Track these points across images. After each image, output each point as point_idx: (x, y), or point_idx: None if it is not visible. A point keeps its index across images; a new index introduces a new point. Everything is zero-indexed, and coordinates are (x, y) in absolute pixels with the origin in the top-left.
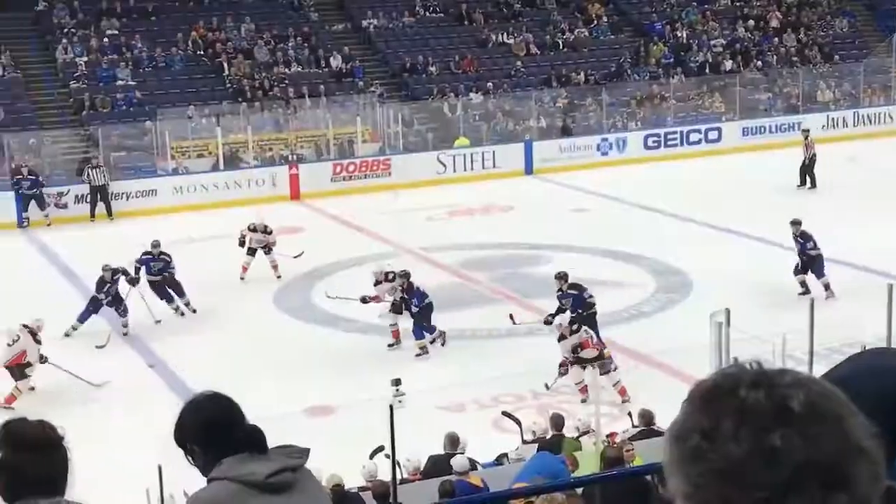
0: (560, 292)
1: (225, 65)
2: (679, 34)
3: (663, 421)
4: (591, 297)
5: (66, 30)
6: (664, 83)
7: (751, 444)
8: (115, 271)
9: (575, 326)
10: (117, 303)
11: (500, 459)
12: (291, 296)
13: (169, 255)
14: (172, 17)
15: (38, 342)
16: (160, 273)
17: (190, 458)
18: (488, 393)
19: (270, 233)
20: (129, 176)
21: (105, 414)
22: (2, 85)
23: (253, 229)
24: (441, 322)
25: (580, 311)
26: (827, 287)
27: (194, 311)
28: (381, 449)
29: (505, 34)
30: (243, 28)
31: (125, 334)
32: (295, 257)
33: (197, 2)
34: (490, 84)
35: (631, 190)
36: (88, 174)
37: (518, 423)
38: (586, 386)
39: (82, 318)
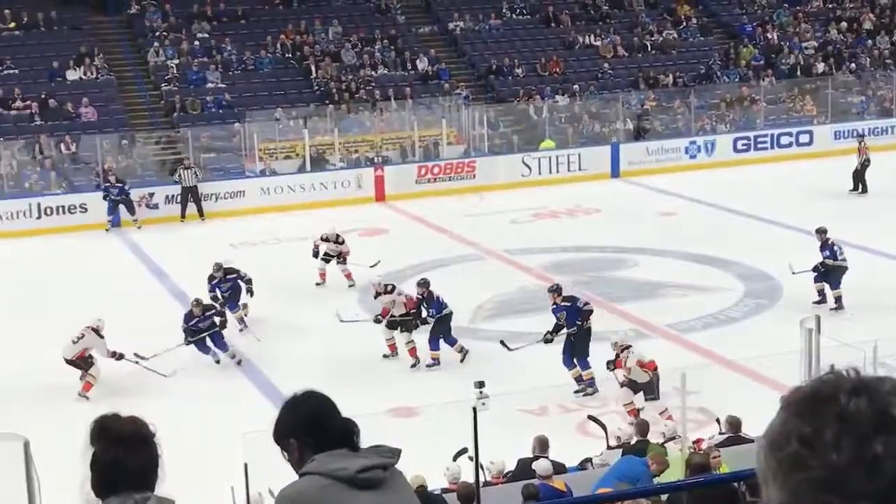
0: (554, 306)
1: (313, 67)
2: (770, 36)
3: (750, 428)
4: (586, 304)
5: (157, 33)
6: (754, 85)
7: (852, 452)
8: (205, 308)
9: (624, 348)
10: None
11: (583, 464)
12: None
13: (235, 272)
14: (262, 20)
15: (102, 337)
16: (230, 293)
17: (286, 455)
18: (572, 397)
19: (342, 242)
20: (217, 177)
21: (190, 411)
22: (95, 87)
23: (325, 239)
24: (524, 325)
25: (578, 321)
26: (838, 300)
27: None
28: (464, 451)
29: (592, 36)
30: (331, 31)
31: (238, 363)
32: (371, 266)
33: (286, 5)
34: (576, 86)
35: (719, 193)
36: (180, 175)
37: (603, 427)
38: (636, 409)
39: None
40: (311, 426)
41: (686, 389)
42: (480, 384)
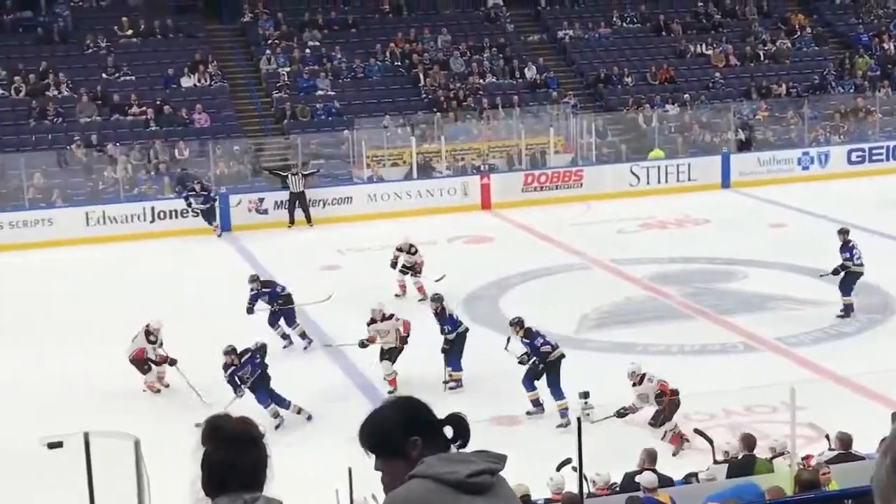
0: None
1: (421, 75)
2: (886, 46)
3: (861, 445)
4: (545, 344)
5: (270, 41)
6: (870, 96)
7: None
8: (241, 354)
9: (642, 375)
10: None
11: (688, 478)
12: (480, 304)
13: (270, 285)
14: (372, 28)
15: (152, 342)
16: (271, 303)
17: (382, 462)
18: (679, 409)
19: (415, 253)
20: (325, 184)
21: (294, 414)
22: (209, 94)
23: (400, 249)
24: (629, 335)
25: (536, 360)
26: (847, 308)
27: (309, 341)
28: (568, 461)
29: (703, 45)
30: (440, 39)
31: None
32: (436, 280)
33: (396, 14)
34: (687, 95)
35: (832, 205)
36: (288, 180)
37: (710, 441)
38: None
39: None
40: (428, 424)
41: (795, 404)
42: (585, 394)
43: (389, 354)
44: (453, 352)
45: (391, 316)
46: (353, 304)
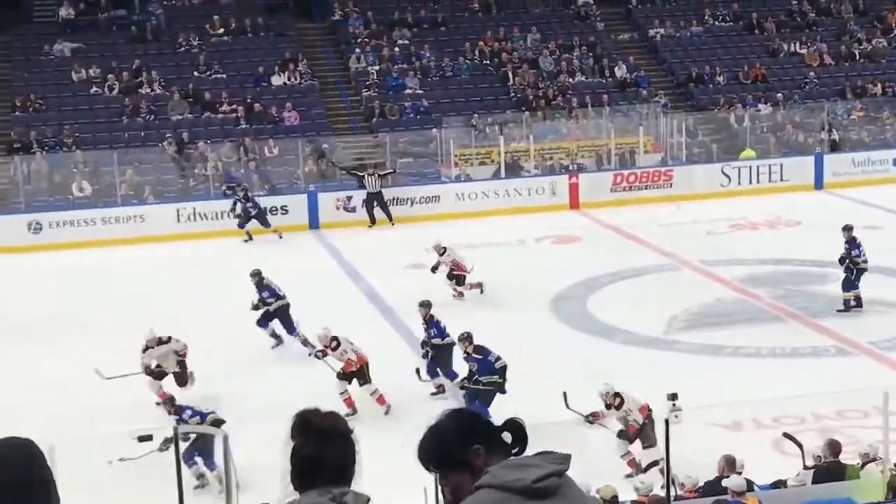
0: (465, 355)
1: (510, 74)
2: None
3: None
4: (498, 359)
5: (359, 39)
6: None
7: None
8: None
9: (615, 395)
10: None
11: (777, 484)
12: (568, 304)
13: (268, 287)
14: (461, 27)
15: (144, 349)
16: (263, 303)
17: (443, 475)
18: (768, 413)
19: (443, 254)
20: (413, 182)
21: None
22: (298, 92)
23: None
24: (718, 338)
25: (495, 377)
26: (849, 301)
27: (313, 348)
28: (655, 463)
29: (797, 44)
30: (529, 38)
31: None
32: (469, 272)
33: (485, 13)
34: (779, 95)
35: None
36: (365, 180)
37: (800, 446)
38: (633, 459)
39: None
40: (487, 431)
41: (888, 409)
42: (673, 396)
43: (359, 376)
44: (438, 360)
45: (337, 346)
46: (439, 301)
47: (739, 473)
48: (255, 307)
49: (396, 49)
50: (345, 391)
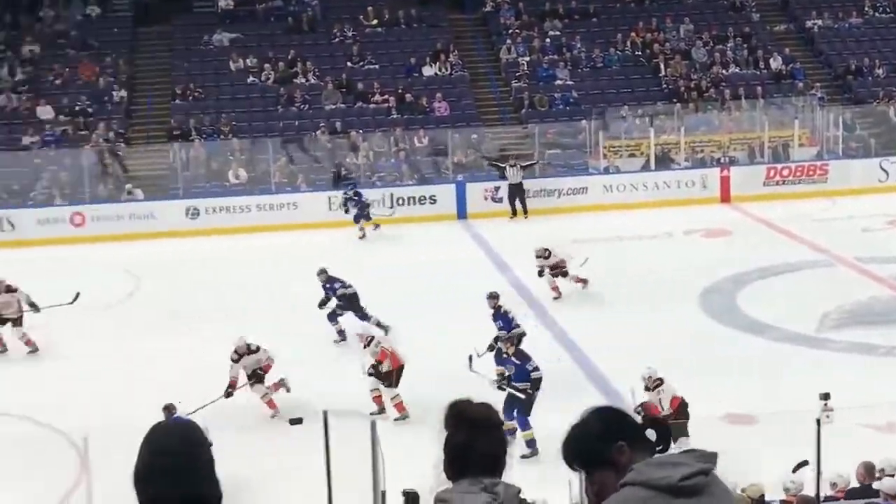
0: (506, 356)
1: (661, 65)
2: None
3: None
4: (535, 369)
5: (510, 30)
6: None
7: None
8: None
9: (657, 383)
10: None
11: None
12: (717, 298)
13: (333, 281)
14: (613, 18)
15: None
16: (331, 299)
17: (590, 472)
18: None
19: (548, 257)
20: (561, 173)
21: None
22: (449, 83)
23: (539, 256)
24: (872, 337)
25: (528, 385)
26: None
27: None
28: (805, 463)
29: None
30: (682, 29)
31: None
32: (581, 265)
33: (638, 3)
34: None
35: None
36: (507, 172)
37: None
38: None
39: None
40: (631, 428)
41: None
42: (825, 396)
43: (382, 375)
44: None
45: (369, 343)
46: (585, 294)
47: (879, 479)
48: (323, 304)
49: (547, 40)
50: (375, 389)
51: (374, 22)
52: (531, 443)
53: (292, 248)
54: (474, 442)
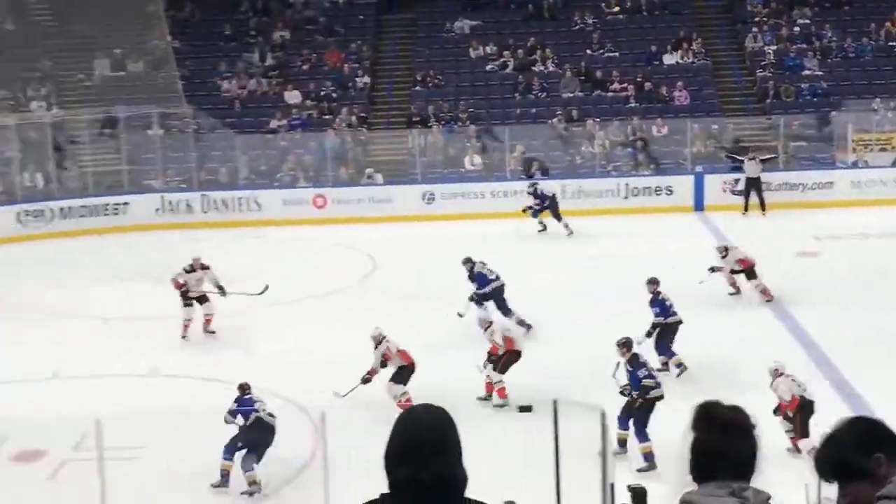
0: (631, 364)
1: None
2: None
3: None
4: (647, 376)
5: (757, 18)
6: None
7: None
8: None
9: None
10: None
11: None
12: None
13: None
14: (866, 6)
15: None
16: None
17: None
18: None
19: (724, 257)
20: (806, 167)
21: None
22: (690, 71)
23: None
24: None
25: (636, 392)
26: None
27: (528, 327)
28: None
29: None
30: None
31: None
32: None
33: None
34: None
35: None
36: (745, 165)
37: None
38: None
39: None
40: (889, 438)
41: None
42: None
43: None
44: (663, 338)
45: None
46: (832, 292)
47: None
48: (472, 299)
49: (796, 28)
50: (405, 393)
51: (616, 9)
52: (648, 456)
53: (521, 235)
54: (723, 445)
